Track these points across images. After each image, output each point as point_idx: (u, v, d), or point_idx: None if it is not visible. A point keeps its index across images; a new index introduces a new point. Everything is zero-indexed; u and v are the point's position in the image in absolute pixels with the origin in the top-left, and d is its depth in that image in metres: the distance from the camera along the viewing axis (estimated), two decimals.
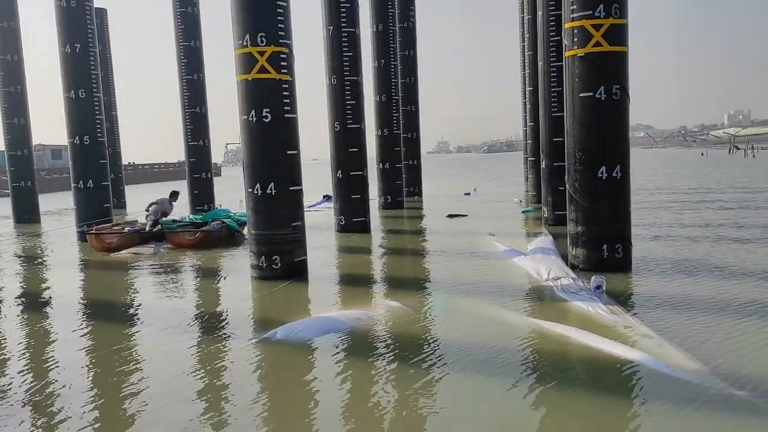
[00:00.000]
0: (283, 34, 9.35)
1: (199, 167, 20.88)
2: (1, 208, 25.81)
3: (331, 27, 14.67)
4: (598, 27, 8.65)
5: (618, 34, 8.72)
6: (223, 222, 14.48)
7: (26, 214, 21.71)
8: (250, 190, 9.63)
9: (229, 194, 26.30)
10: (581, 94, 8.89)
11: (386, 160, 20.59)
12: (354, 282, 9.97)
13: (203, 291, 9.90)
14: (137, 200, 25.17)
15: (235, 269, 11.24)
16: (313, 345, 6.34)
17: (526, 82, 22.83)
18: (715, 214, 15.59)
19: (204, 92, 20.77)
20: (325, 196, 23.58)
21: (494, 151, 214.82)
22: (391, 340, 6.45)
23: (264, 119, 9.32)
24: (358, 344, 6.34)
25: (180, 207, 17.26)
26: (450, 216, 17.90)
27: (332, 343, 6.37)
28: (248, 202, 9.76)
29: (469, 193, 26.78)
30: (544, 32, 14.17)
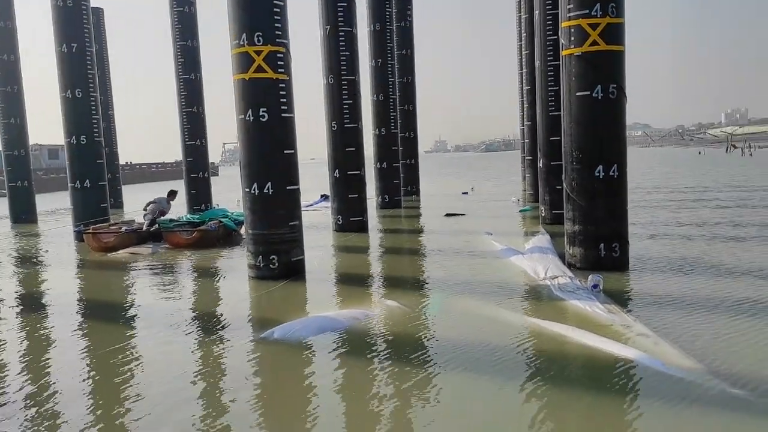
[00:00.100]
0: (279, 33, 9.34)
1: (196, 167, 20.86)
2: None
3: (329, 26, 14.67)
4: (594, 26, 8.66)
5: (615, 33, 8.73)
6: (221, 221, 14.46)
7: (23, 214, 21.69)
8: (247, 189, 9.62)
9: (226, 194, 26.26)
10: (578, 93, 8.90)
11: (384, 160, 20.59)
12: (351, 281, 9.98)
13: (200, 291, 9.89)
14: (134, 200, 25.14)
15: (233, 269, 11.24)
16: (310, 344, 6.34)
17: (524, 81, 22.83)
18: (712, 213, 15.62)
19: (201, 92, 20.75)
20: (322, 195, 23.58)
21: (492, 150, 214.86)
22: (389, 340, 6.45)
23: (261, 119, 9.31)
24: (356, 343, 6.34)
25: (177, 206, 17.24)
26: (447, 215, 17.91)
27: (329, 343, 6.37)
28: (245, 202, 9.76)
29: (466, 193, 26.80)
30: (541, 31, 14.19)
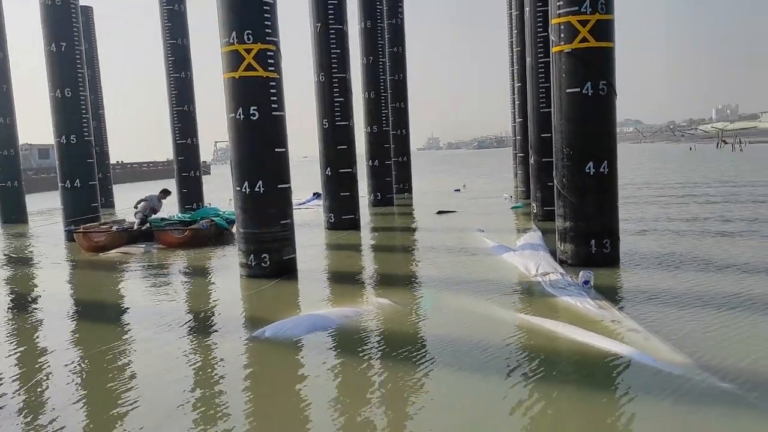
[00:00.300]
0: (269, 31, 9.31)
1: (187, 166, 20.81)
2: None
3: (319, 24, 14.64)
4: (584, 23, 8.69)
5: (604, 30, 8.76)
6: (212, 220, 14.43)
7: (13, 214, 21.56)
8: (238, 188, 9.60)
9: (218, 192, 26.19)
10: (568, 90, 8.92)
11: (376, 157, 20.57)
12: (343, 279, 9.98)
13: (192, 290, 9.86)
14: (125, 199, 24.99)
15: (225, 268, 11.21)
16: (302, 343, 6.34)
17: (515, 78, 22.87)
18: (701, 208, 15.71)
19: (192, 90, 20.68)
20: (314, 193, 23.55)
21: (484, 147, 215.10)
22: (380, 337, 6.46)
23: (252, 117, 9.29)
24: (347, 341, 6.34)
25: (169, 206, 17.19)
26: (440, 212, 17.93)
27: (321, 341, 6.37)
28: (237, 201, 9.73)
29: (458, 190, 26.83)
30: (531, 28, 14.21)
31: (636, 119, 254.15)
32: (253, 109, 9.27)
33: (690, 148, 71.29)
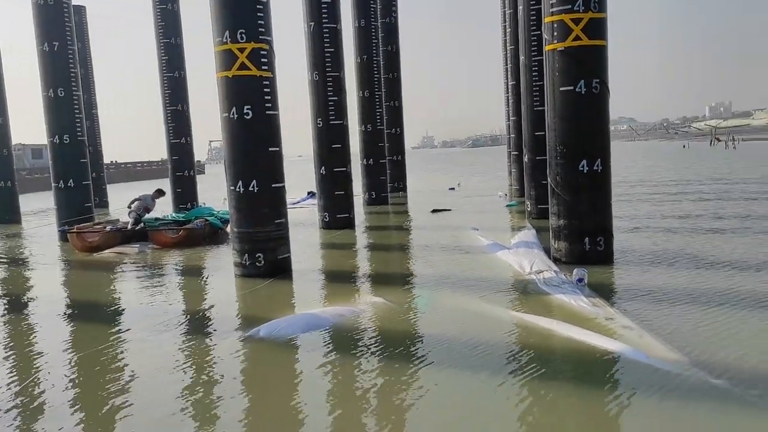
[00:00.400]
0: (263, 30, 9.30)
1: (181, 165, 20.73)
2: None
3: (312, 23, 14.62)
4: (577, 21, 8.71)
5: (597, 28, 8.79)
6: (207, 220, 14.40)
7: (6, 214, 21.40)
8: (232, 187, 9.59)
9: (213, 192, 26.12)
10: (561, 88, 8.95)
11: (370, 156, 20.58)
12: (338, 279, 9.98)
13: (186, 289, 9.85)
14: (120, 199, 24.94)
15: (219, 267, 11.19)
16: (297, 342, 6.34)
17: (509, 76, 22.91)
18: (694, 206, 15.78)
19: (186, 90, 20.59)
20: (309, 192, 23.54)
21: (479, 146, 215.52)
22: (375, 336, 6.47)
23: (245, 116, 9.27)
24: (342, 340, 6.35)
25: (163, 205, 17.15)
26: (434, 211, 17.94)
27: (315, 340, 6.38)
28: (230, 200, 9.72)
29: (453, 188, 26.84)
30: (525, 27, 14.24)
31: (630, 117, 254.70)
32: (247, 109, 9.25)
33: (683, 146, 71.50)
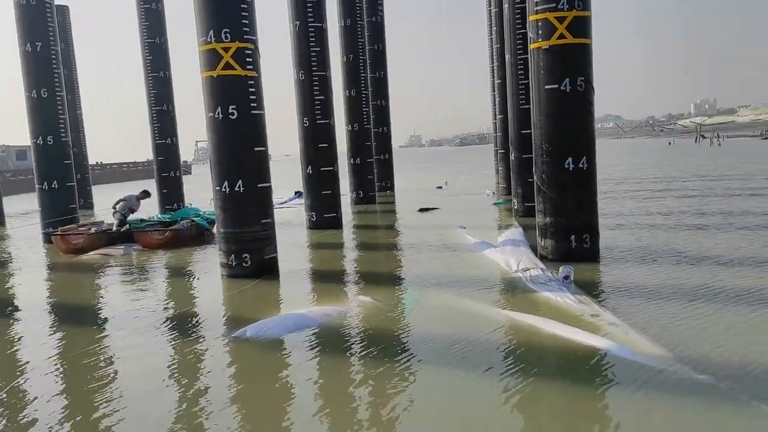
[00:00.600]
0: (247, 29, 9.25)
1: (167, 166, 20.58)
2: None
3: (298, 22, 14.55)
4: (561, 19, 8.74)
5: (581, 27, 8.83)
6: (193, 221, 14.31)
7: None
8: (218, 187, 9.53)
9: (199, 192, 25.94)
10: (546, 87, 8.98)
11: (357, 155, 20.54)
12: (325, 278, 9.96)
13: (173, 291, 9.78)
14: (105, 200, 24.70)
15: (206, 268, 11.12)
16: (284, 342, 6.32)
17: (495, 74, 22.96)
18: (679, 202, 15.92)
19: (171, 90, 20.45)
20: (296, 192, 23.46)
21: (466, 144, 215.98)
22: (362, 335, 6.46)
23: (230, 116, 9.22)
24: (329, 340, 6.34)
25: (149, 206, 17.02)
26: (422, 210, 17.95)
27: (303, 340, 6.36)
28: (216, 200, 9.66)
29: (441, 187, 26.88)
30: (510, 25, 14.27)
31: (616, 114, 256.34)
32: (232, 108, 9.20)
33: (669, 143, 72.09)
